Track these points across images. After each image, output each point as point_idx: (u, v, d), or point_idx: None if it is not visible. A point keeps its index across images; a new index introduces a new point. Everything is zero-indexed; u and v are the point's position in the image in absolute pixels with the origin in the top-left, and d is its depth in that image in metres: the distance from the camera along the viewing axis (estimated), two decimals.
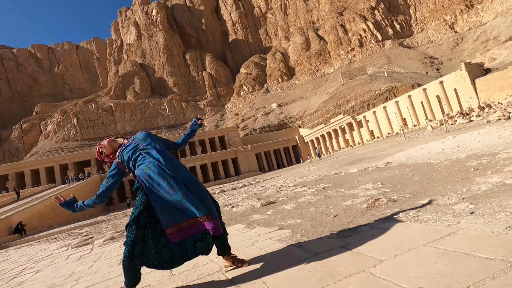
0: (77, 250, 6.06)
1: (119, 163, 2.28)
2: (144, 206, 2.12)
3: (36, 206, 21.97)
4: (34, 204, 21.91)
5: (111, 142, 2.40)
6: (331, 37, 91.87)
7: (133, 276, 2.03)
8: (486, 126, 11.63)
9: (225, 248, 2.28)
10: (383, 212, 2.91)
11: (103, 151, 2.42)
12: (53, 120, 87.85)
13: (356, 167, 10.87)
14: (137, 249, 2.03)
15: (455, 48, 72.15)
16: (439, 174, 4.93)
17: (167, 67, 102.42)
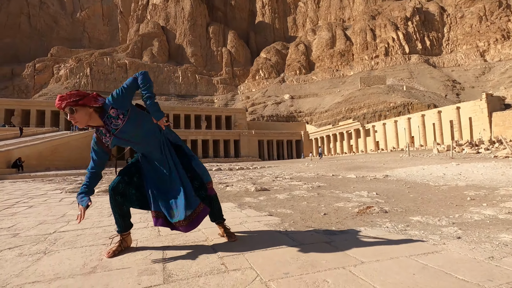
0: (71, 195, 6.23)
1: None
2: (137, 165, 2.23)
3: (37, 146, 22.35)
4: (36, 144, 22.28)
5: None
6: (358, 40, 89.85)
7: (122, 220, 2.12)
8: (492, 161, 11.55)
9: (216, 217, 2.36)
10: (373, 220, 2.96)
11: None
12: (67, 66, 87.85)
13: (354, 173, 10.91)
14: (121, 186, 2.11)
15: (481, 76, 70.50)
16: (435, 196, 4.95)
17: (188, 36, 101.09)
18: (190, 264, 1.77)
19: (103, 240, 2.43)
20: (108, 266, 1.80)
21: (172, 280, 1.55)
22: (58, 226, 3.11)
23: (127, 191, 2.15)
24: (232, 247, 2.12)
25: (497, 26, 75.39)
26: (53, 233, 2.79)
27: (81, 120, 1.85)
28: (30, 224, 3.28)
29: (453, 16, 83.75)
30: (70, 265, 1.84)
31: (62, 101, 1.80)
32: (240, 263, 1.76)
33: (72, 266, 1.82)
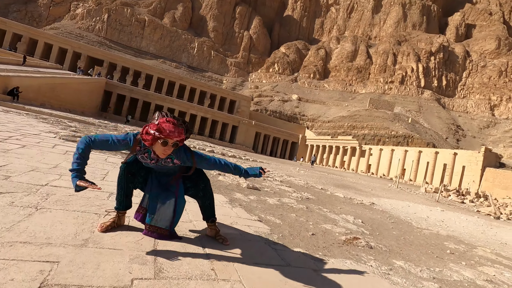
0: (64, 143, 6.14)
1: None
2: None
3: (38, 80, 21.88)
4: (36, 77, 21.79)
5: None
6: (378, 60, 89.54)
7: (124, 198, 2.10)
8: (475, 216, 11.78)
9: (208, 215, 2.35)
10: (358, 254, 2.99)
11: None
12: (85, 6, 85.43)
13: (343, 192, 11.02)
14: (135, 166, 2.11)
15: (484, 129, 71.32)
16: (416, 239, 5.04)
17: (214, 10, 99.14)
18: (181, 262, 1.76)
19: (95, 208, 2.40)
20: (100, 242, 1.78)
21: (163, 276, 1.55)
22: (50, 178, 3.07)
23: (137, 173, 2.13)
24: (222, 250, 2.12)
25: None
26: (46, 185, 2.75)
27: (158, 150, 1.88)
28: (23, 168, 3.22)
29: (475, 63, 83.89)
30: (62, 230, 1.82)
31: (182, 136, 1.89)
32: (230, 273, 1.77)
33: (64, 233, 1.79)
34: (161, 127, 1.78)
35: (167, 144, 1.81)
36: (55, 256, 1.49)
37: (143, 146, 1.91)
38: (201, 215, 2.44)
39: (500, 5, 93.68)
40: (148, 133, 1.80)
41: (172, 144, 1.83)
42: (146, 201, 2.14)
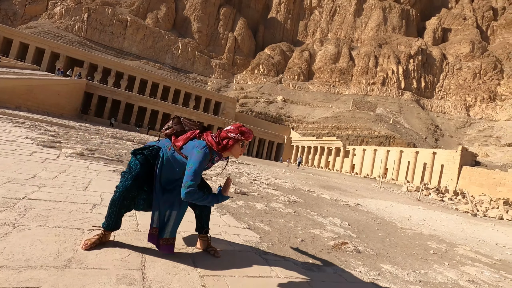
0: (43, 150, 5.88)
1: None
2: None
3: (13, 81, 20.91)
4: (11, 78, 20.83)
5: None
6: (360, 62, 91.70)
7: (114, 219, 2.02)
8: (454, 214, 12.24)
9: (203, 226, 2.32)
10: (347, 259, 3.02)
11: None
12: (64, 4, 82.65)
13: (329, 193, 11.16)
14: (134, 192, 2.04)
15: (460, 129, 74.42)
16: (401, 240, 5.16)
17: (198, 11, 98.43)
18: (171, 279, 1.71)
19: (78, 223, 2.30)
20: (84, 262, 1.70)
21: None
22: (28, 190, 2.92)
23: (138, 195, 2.06)
24: (213, 264, 2.08)
25: (486, 86, 79.71)
26: (23, 198, 2.61)
27: (236, 151, 2.10)
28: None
29: (451, 66, 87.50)
30: (43, 250, 1.72)
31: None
32: (221, 285, 1.73)
33: (45, 253, 1.70)
34: (243, 130, 2.05)
35: (244, 145, 2.07)
36: (35, 281, 1.41)
37: (214, 153, 2.07)
38: (187, 226, 2.37)
39: (474, 10, 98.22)
40: (228, 138, 2.03)
41: (246, 145, 2.10)
42: (157, 220, 2.07)
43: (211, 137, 2.05)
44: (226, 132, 2.04)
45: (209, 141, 2.03)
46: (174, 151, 2.10)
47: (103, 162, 6.00)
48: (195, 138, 2.11)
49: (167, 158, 2.10)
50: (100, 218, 2.50)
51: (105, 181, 4.17)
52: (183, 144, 2.09)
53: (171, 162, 2.10)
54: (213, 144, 2.02)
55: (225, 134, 2.04)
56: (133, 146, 13.32)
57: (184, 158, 2.05)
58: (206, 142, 2.03)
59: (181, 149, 2.07)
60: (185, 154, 2.04)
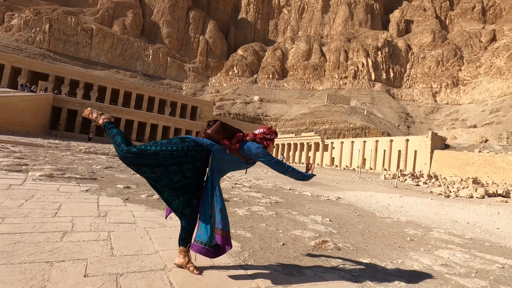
0: (7, 175, 5.53)
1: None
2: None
3: None
4: None
5: None
6: (332, 58, 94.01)
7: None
8: (429, 197, 12.86)
9: (187, 241, 2.29)
10: (328, 258, 3.10)
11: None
12: (22, 16, 78.29)
13: (310, 190, 11.36)
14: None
15: (429, 114, 78.29)
16: (380, 230, 5.35)
17: (166, 15, 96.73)
18: None
19: (46, 255, 2.19)
20: None
21: None
22: None
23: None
24: (192, 282, 2.05)
25: (449, 73, 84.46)
26: None
27: (270, 149, 2.45)
28: None
29: (416, 56, 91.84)
30: None
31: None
32: None
33: None
34: (274, 130, 2.43)
35: (273, 143, 2.46)
36: None
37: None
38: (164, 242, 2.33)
39: (432, 1, 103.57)
40: (266, 139, 2.37)
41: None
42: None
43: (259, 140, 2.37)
44: (263, 134, 2.38)
45: (258, 142, 2.35)
46: (225, 151, 2.27)
47: (74, 182, 5.75)
48: (242, 140, 2.33)
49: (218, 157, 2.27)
50: (71, 247, 2.40)
51: (76, 204, 4.00)
52: (240, 146, 2.29)
53: (221, 161, 2.29)
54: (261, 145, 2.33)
55: (262, 136, 2.37)
56: (108, 160, 12.86)
57: (239, 158, 2.29)
58: (259, 143, 2.34)
59: (239, 151, 2.29)
60: (243, 154, 2.28)
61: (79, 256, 2.24)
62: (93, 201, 4.29)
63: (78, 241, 2.57)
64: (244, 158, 2.30)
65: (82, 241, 2.59)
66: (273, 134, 2.43)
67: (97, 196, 4.71)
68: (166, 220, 3.62)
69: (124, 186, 6.04)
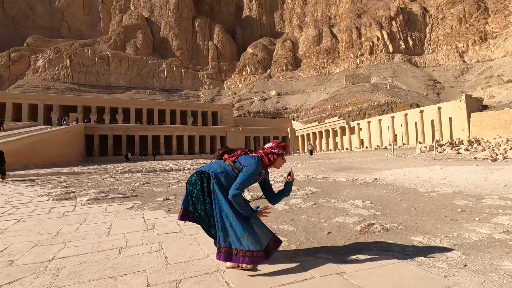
0: (59, 203, 5.98)
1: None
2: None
3: (16, 142, 21.31)
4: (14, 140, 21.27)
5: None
6: (344, 37, 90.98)
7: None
8: (474, 164, 12.05)
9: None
10: (377, 241, 3.01)
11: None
12: (45, 56, 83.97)
13: (344, 175, 11.11)
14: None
15: (459, 77, 73.27)
16: (427, 206, 5.11)
17: (173, 29, 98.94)
18: None
19: (109, 271, 2.34)
20: None
21: None
22: (55, 249, 2.98)
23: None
24: (247, 280, 2.10)
25: (475, 28, 78.28)
26: (52, 259, 2.67)
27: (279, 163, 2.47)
28: (24, 246, 3.12)
29: (434, 17, 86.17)
30: None
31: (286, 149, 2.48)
32: None
33: None
34: (283, 145, 2.42)
35: (284, 157, 2.46)
36: None
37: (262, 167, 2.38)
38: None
39: None
40: (273, 153, 2.38)
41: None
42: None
43: (261, 153, 2.41)
44: (270, 149, 2.39)
45: (261, 155, 2.38)
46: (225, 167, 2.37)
47: (118, 201, 6.08)
48: (246, 154, 2.44)
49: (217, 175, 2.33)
50: (129, 261, 2.55)
51: (124, 221, 4.23)
52: (236, 158, 2.41)
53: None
54: (264, 158, 2.37)
55: (269, 151, 2.39)
56: (143, 176, 13.46)
57: (236, 171, 2.33)
58: (260, 155, 2.38)
59: (234, 162, 2.37)
60: (237, 166, 2.33)
61: (138, 269, 2.37)
62: (139, 216, 4.52)
63: (134, 254, 2.73)
64: (237, 169, 2.34)
65: (138, 254, 2.74)
66: (281, 148, 2.40)
67: (142, 211, 4.95)
68: None
69: (163, 198, 6.29)
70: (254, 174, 2.25)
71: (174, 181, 10.65)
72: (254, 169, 2.25)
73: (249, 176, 2.23)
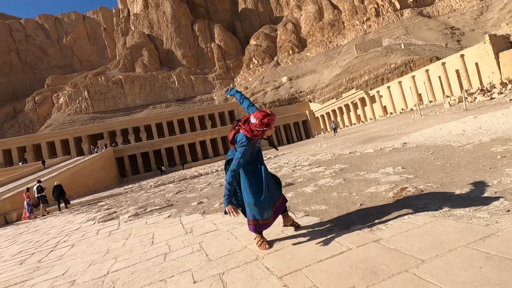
0: (104, 225, 6.41)
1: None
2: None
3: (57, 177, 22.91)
4: (55, 175, 22.86)
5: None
6: (345, 6, 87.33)
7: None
8: (510, 106, 11.22)
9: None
10: (412, 203, 2.95)
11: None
12: (65, 93, 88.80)
13: (371, 146, 10.82)
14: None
15: (479, 17, 67.86)
16: (463, 159, 4.87)
17: (175, 39, 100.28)
18: None
19: (158, 276, 2.51)
20: None
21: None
22: (108, 264, 3.22)
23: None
24: (286, 262, 2.16)
25: None
26: (107, 274, 2.89)
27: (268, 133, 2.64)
28: (80, 267, 3.41)
29: None
30: None
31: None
32: (302, 282, 1.79)
33: None
34: (266, 122, 2.49)
35: (271, 128, 2.60)
36: None
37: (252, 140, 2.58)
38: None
39: None
40: (257, 130, 2.51)
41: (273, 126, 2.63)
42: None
43: (244, 130, 2.57)
44: (254, 126, 2.51)
45: (246, 132, 2.56)
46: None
47: (157, 213, 6.39)
48: (239, 132, 2.67)
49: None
50: (174, 264, 2.70)
51: (165, 229, 4.46)
52: (231, 140, 2.77)
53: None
54: (248, 133, 2.54)
55: (253, 128, 2.52)
56: (175, 186, 13.96)
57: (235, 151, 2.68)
58: (244, 134, 2.56)
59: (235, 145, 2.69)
60: (237, 147, 2.59)
61: (184, 269, 2.52)
62: (177, 223, 4.74)
63: (178, 257, 2.89)
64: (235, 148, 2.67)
65: (181, 256, 2.89)
66: (264, 127, 2.50)
67: (179, 218, 5.17)
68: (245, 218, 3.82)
69: (197, 202, 6.52)
70: (241, 156, 2.47)
71: (204, 184, 10.96)
72: (242, 153, 2.48)
73: (237, 158, 2.48)
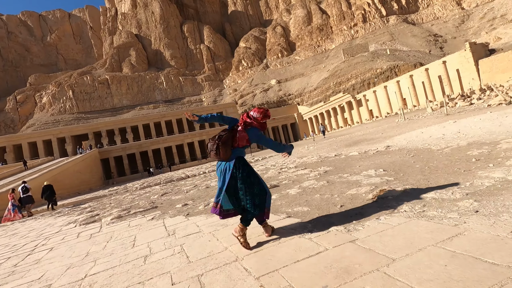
0: (86, 227, 6.26)
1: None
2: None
3: (38, 179, 22.20)
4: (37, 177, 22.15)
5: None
6: (334, 11, 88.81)
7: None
8: (487, 111, 11.68)
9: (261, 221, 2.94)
10: (390, 204, 3.04)
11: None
12: (48, 92, 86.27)
13: (356, 149, 11.02)
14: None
15: (461, 26, 70.38)
16: (440, 162, 5.05)
17: (163, 39, 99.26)
18: None
19: (137, 278, 2.48)
20: None
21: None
22: (86, 268, 3.16)
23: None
24: (264, 262, 2.18)
25: None
26: (85, 277, 2.84)
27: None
28: (58, 270, 3.32)
29: None
30: None
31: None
32: (278, 282, 1.82)
33: None
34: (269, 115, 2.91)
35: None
36: None
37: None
38: None
39: None
40: (267, 115, 2.86)
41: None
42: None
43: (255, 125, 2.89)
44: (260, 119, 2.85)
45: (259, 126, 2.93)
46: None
47: (140, 215, 6.30)
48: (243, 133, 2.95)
49: None
50: (154, 266, 2.68)
51: (147, 231, 4.41)
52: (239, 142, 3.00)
53: None
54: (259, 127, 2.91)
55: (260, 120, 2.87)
56: (161, 188, 13.78)
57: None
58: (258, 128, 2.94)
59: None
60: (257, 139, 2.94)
61: (163, 271, 2.50)
62: (160, 225, 4.69)
63: (158, 260, 2.87)
64: None
65: (162, 258, 2.87)
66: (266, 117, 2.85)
67: (162, 220, 5.12)
68: (227, 220, 3.82)
69: (182, 204, 6.47)
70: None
71: (191, 187, 10.88)
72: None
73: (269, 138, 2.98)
